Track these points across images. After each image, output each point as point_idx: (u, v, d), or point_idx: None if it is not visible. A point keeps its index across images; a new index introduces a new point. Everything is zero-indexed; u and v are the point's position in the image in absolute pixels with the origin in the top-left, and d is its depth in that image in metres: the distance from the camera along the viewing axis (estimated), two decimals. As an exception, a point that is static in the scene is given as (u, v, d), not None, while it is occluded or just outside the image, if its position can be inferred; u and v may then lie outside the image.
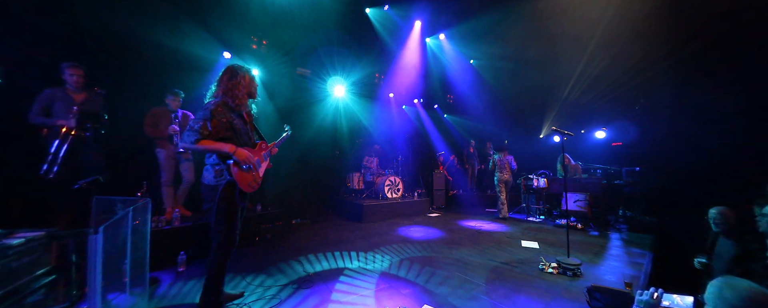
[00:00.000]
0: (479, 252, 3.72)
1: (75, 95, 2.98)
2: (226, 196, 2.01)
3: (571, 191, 5.57)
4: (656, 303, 1.32)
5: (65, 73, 2.95)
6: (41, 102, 2.85)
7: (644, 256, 3.58)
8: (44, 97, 2.87)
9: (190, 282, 2.71)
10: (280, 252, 3.62)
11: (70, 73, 2.96)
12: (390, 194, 6.37)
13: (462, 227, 5.23)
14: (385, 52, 7.58)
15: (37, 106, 2.84)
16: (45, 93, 2.88)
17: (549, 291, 2.58)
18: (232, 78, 2.08)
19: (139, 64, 4.13)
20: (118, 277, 2.29)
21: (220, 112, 1.98)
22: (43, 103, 2.86)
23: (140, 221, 2.32)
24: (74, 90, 2.99)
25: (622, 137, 7.19)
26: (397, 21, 7.16)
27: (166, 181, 3.74)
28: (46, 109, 2.86)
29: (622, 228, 5.02)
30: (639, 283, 2.77)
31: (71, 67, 2.97)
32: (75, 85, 2.99)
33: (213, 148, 1.93)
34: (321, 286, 2.65)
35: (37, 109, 2.84)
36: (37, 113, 2.83)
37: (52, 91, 2.90)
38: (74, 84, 2.98)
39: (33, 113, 2.83)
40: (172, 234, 3.30)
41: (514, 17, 6.97)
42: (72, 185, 2.57)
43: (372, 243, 4.09)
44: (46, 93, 2.88)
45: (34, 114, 2.83)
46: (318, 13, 5.74)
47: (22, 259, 1.72)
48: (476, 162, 8.74)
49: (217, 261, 2.01)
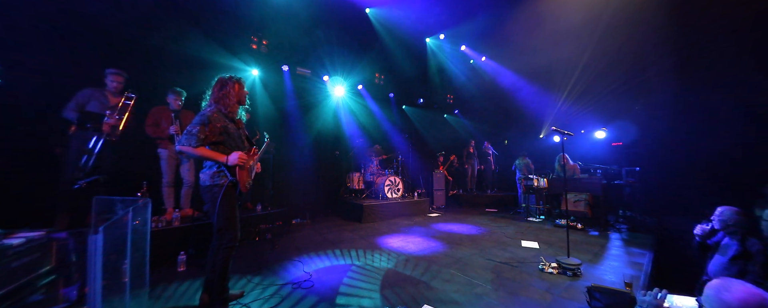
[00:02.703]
0: (479, 252, 3.72)
1: (112, 98, 3.13)
2: (227, 196, 2.12)
3: (571, 191, 5.57)
4: (660, 304, 1.32)
5: (108, 78, 3.15)
6: (78, 99, 2.98)
7: (644, 256, 3.58)
8: (83, 96, 3.00)
9: (190, 282, 2.71)
10: (279, 252, 3.62)
11: (113, 79, 3.15)
12: (390, 194, 6.37)
13: (462, 227, 5.23)
14: (385, 52, 7.57)
15: (74, 103, 2.96)
16: (84, 92, 3.01)
17: (549, 291, 2.58)
18: (222, 88, 2.24)
19: (139, 63, 4.12)
20: (118, 277, 2.29)
21: (216, 118, 2.14)
22: (79, 101, 2.98)
23: (140, 221, 2.32)
24: (113, 94, 3.15)
25: (622, 137, 7.19)
26: (397, 21, 7.15)
27: (168, 182, 3.74)
28: (80, 107, 2.97)
29: (622, 228, 5.01)
30: (639, 283, 2.77)
31: (115, 74, 3.16)
32: (115, 90, 3.16)
33: (208, 155, 2.08)
34: (321, 286, 2.65)
35: (73, 105, 2.96)
36: (72, 109, 2.95)
37: (91, 91, 3.04)
38: (114, 89, 3.16)
39: (68, 109, 2.94)
40: (172, 234, 3.31)
41: (514, 17, 6.97)
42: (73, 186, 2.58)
43: (372, 243, 4.09)
44: (86, 92, 3.01)
45: (68, 109, 2.94)
46: (318, 13, 5.74)
47: (22, 259, 1.72)
48: (476, 162, 8.74)
49: (223, 257, 2.11)
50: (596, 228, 4.99)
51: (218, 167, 2.13)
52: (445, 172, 8.21)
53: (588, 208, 5.46)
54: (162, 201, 3.73)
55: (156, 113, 3.67)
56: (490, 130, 10.13)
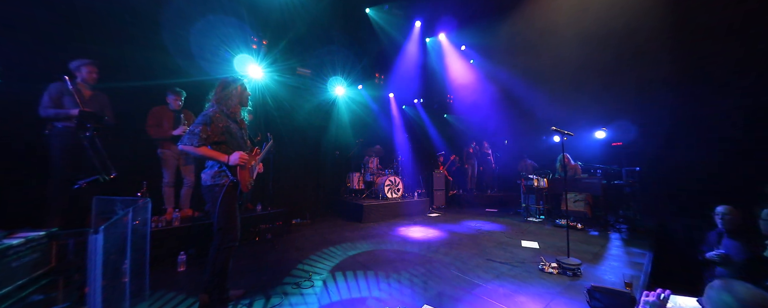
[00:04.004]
0: (479, 252, 3.72)
1: (84, 91, 2.94)
2: (228, 196, 2.14)
3: (571, 191, 5.57)
4: (663, 304, 1.31)
5: (82, 70, 2.91)
6: (52, 94, 2.75)
7: (644, 256, 3.58)
8: (54, 90, 2.76)
9: (190, 283, 2.71)
10: (279, 252, 3.62)
11: (88, 70, 2.93)
12: (390, 194, 6.37)
13: (462, 227, 5.23)
14: (385, 52, 7.57)
15: (47, 99, 2.73)
16: (54, 86, 2.77)
17: (549, 291, 2.58)
18: (224, 89, 2.28)
19: (138, 63, 4.11)
20: (118, 277, 2.29)
21: (218, 118, 2.17)
22: (53, 95, 2.75)
23: (140, 221, 2.32)
24: (86, 86, 2.95)
25: (622, 137, 7.18)
26: (397, 21, 7.15)
27: (168, 182, 3.73)
28: (56, 103, 2.75)
29: (622, 228, 5.01)
30: (639, 283, 2.76)
31: (90, 64, 2.94)
32: (92, 81, 2.96)
33: (209, 155, 2.10)
34: (320, 286, 2.65)
35: (47, 101, 2.72)
36: (47, 106, 2.72)
37: (58, 84, 2.77)
38: (91, 81, 2.95)
39: (43, 106, 2.72)
40: (172, 234, 3.30)
41: (514, 17, 6.97)
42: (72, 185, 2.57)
43: (372, 242, 4.09)
44: (56, 86, 2.77)
45: (44, 107, 2.72)
46: (318, 12, 5.74)
47: (22, 259, 1.72)
48: (476, 163, 8.74)
49: (223, 256, 2.13)
50: (596, 228, 4.99)
51: (219, 167, 2.15)
52: (445, 172, 8.20)
53: (588, 208, 5.46)
54: (162, 201, 3.73)
55: (157, 113, 3.64)
56: (490, 130, 10.12)
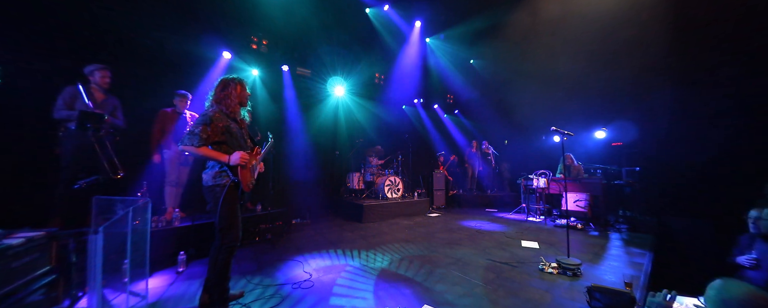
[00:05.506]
0: (479, 251, 3.72)
1: (98, 95, 3.03)
2: (229, 196, 2.12)
3: (571, 191, 5.58)
4: (669, 305, 1.31)
5: (96, 75, 3.01)
6: (65, 97, 2.84)
7: (644, 256, 3.58)
8: (68, 93, 2.86)
9: (190, 283, 2.71)
10: (280, 252, 3.62)
11: (102, 74, 3.03)
12: (390, 194, 6.37)
13: (462, 227, 5.23)
14: (385, 52, 7.57)
15: (61, 102, 2.82)
16: (68, 89, 2.88)
17: (549, 291, 2.58)
18: (224, 89, 2.27)
19: (139, 63, 4.12)
20: (118, 277, 2.29)
21: (218, 118, 2.16)
22: (66, 98, 2.84)
23: (140, 221, 2.32)
24: (98, 90, 3.04)
25: (622, 137, 7.18)
26: (397, 21, 7.15)
27: (170, 182, 3.74)
28: (69, 106, 2.83)
29: (622, 228, 5.01)
30: (639, 283, 2.77)
31: (103, 69, 3.05)
32: (105, 85, 3.05)
33: (210, 155, 2.09)
34: (321, 285, 2.65)
35: (61, 104, 2.81)
36: (61, 108, 2.81)
37: (72, 88, 2.88)
38: (104, 85, 3.05)
39: (57, 108, 2.80)
40: (172, 234, 3.30)
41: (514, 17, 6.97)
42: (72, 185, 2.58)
43: (372, 242, 4.09)
44: (70, 89, 2.88)
45: (58, 109, 2.80)
46: (318, 12, 5.74)
47: (22, 259, 1.72)
48: (476, 163, 8.74)
49: (224, 257, 2.12)
50: (596, 228, 4.99)
51: (220, 167, 2.14)
52: (445, 172, 8.21)
53: (588, 208, 5.46)
54: (162, 200, 3.73)
55: (162, 118, 3.68)
56: (490, 130, 10.11)
